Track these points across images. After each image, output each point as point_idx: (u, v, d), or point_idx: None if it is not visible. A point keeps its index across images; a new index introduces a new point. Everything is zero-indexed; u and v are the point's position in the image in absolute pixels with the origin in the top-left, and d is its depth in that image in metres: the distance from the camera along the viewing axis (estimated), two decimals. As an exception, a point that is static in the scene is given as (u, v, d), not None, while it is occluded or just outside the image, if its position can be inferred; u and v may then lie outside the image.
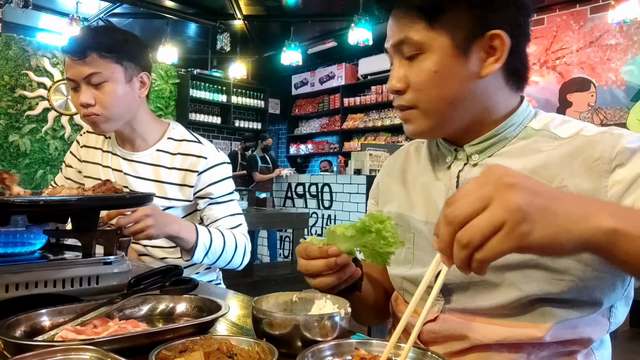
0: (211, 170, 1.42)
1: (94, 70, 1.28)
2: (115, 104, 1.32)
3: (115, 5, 5.57)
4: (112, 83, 1.31)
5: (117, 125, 1.38)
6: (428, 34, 0.76)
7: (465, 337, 0.77)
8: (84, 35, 1.33)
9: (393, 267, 0.93)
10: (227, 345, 0.59)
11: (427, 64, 0.76)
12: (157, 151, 1.44)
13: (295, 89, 8.28)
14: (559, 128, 0.80)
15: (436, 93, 0.77)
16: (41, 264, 0.82)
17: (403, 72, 0.79)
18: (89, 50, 1.27)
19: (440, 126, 0.81)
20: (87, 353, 0.53)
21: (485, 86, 0.79)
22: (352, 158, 5.26)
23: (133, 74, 1.36)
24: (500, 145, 0.82)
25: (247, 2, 5.65)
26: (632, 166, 0.70)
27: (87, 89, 1.30)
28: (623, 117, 4.41)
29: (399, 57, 0.80)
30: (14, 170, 4.33)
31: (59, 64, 4.36)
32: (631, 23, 4.25)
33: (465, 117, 0.81)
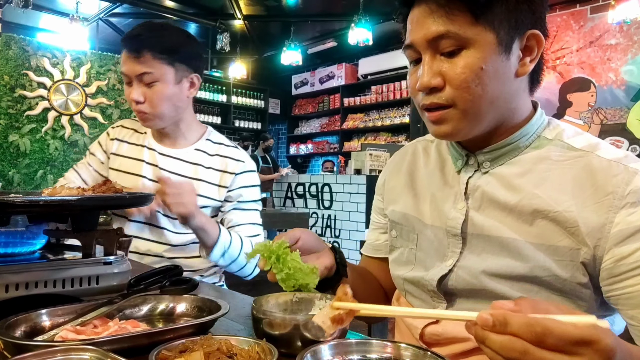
0: (246, 174, 1.46)
1: (146, 70, 1.33)
2: (162, 104, 1.36)
3: (115, 5, 5.58)
4: (161, 84, 1.35)
5: (164, 123, 1.42)
6: (473, 29, 0.71)
7: (468, 339, 0.77)
8: (142, 32, 1.36)
9: (395, 268, 0.93)
10: (227, 345, 0.59)
11: (473, 60, 0.72)
12: (195, 150, 1.47)
13: (295, 89, 8.28)
14: (573, 139, 0.78)
15: (480, 91, 0.73)
16: (41, 264, 0.82)
17: (439, 68, 0.74)
18: (144, 49, 1.32)
19: (475, 128, 0.77)
20: (87, 353, 0.53)
21: (517, 87, 0.77)
22: (352, 158, 5.26)
23: (183, 76, 1.40)
24: (513, 154, 0.80)
25: (247, 2, 5.65)
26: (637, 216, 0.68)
27: (139, 86, 1.35)
28: (623, 117, 4.41)
29: (431, 52, 0.75)
30: (14, 170, 4.34)
31: (59, 64, 4.36)
32: (631, 23, 4.25)
33: (494, 119, 0.77)
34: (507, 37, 0.73)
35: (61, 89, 4.52)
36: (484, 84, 0.73)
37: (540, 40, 0.75)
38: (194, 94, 1.45)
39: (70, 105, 4.57)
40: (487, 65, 0.72)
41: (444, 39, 0.73)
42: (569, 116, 4.71)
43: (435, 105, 0.75)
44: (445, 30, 0.72)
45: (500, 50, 0.73)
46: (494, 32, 0.72)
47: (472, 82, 0.72)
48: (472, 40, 0.72)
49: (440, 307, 0.83)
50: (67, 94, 4.46)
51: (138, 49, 1.32)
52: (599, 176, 0.72)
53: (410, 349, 0.61)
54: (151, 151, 1.49)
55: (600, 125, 4.53)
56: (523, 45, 0.75)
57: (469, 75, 0.72)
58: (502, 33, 0.72)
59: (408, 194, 0.93)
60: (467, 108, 0.74)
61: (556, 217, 0.72)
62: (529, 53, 0.76)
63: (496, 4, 0.72)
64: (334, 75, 7.62)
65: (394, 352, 0.61)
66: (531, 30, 0.75)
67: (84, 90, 4.49)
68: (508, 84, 0.75)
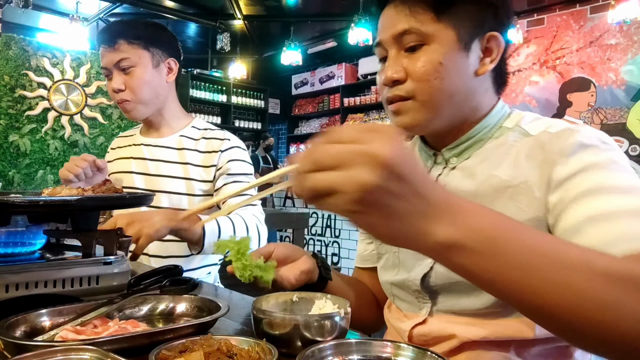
0: (232, 149, 1.47)
1: (122, 56, 1.37)
2: (143, 88, 1.39)
3: (115, 5, 5.57)
4: (139, 68, 1.38)
5: (147, 111, 1.44)
6: (435, 26, 0.77)
7: (454, 336, 0.78)
8: (114, 25, 1.44)
9: (382, 274, 0.94)
10: (227, 345, 0.59)
11: (433, 55, 0.77)
12: (180, 137, 1.49)
13: (295, 89, 8.28)
14: (530, 125, 0.81)
15: (438, 84, 0.77)
16: (41, 264, 0.82)
17: (402, 62, 0.79)
18: (118, 38, 1.37)
19: (433, 120, 0.81)
20: (87, 353, 0.53)
21: (478, 85, 0.81)
22: (352, 158, 5.25)
23: (160, 60, 1.43)
24: (477, 147, 0.83)
25: (247, 2, 5.65)
26: (575, 161, 0.70)
27: (118, 75, 1.38)
28: (623, 117, 4.41)
29: (396, 48, 0.80)
30: (14, 170, 4.34)
31: (59, 64, 4.36)
32: (631, 23, 4.24)
33: (455, 115, 0.81)
34: (467, 35, 0.77)
35: (61, 89, 4.52)
36: (443, 78, 0.77)
37: (500, 43, 0.79)
38: (172, 79, 1.47)
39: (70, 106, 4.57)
40: (447, 60, 0.77)
41: (407, 35, 0.78)
42: (569, 116, 4.71)
43: (397, 97, 0.80)
44: (409, 26, 0.77)
45: (459, 47, 0.77)
46: (454, 30, 0.77)
47: (431, 75, 0.77)
48: (433, 37, 0.77)
49: (425, 307, 0.84)
50: (67, 94, 4.46)
51: (112, 39, 1.37)
52: (547, 145, 0.74)
53: (410, 349, 0.61)
54: (137, 147, 1.52)
55: (600, 125, 4.52)
56: (483, 46, 0.79)
57: (428, 68, 0.77)
58: (462, 31, 0.77)
59: None
60: (426, 100, 0.79)
61: (515, 192, 0.75)
62: (489, 54, 0.80)
63: (458, 4, 0.77)
64: (334, 75, 7.62)
65: (393, 352, 0.61)
66: (491, 32, 0.79)
67: (83, 90, 4.49)
68: (467, 81, 0.79)
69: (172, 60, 1.46)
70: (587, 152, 0.70)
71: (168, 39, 1.47)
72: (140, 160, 1.49)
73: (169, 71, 1.46)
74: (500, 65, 0.83)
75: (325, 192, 0.45)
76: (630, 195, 0.65)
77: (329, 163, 0.44)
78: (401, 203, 0.45)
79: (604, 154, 0.70)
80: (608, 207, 0.64)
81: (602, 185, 0.66)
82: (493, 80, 0.84)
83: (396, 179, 0.44)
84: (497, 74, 0.84)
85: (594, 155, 0.70)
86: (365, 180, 0.43)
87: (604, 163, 0.69)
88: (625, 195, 0.65)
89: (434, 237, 0.46)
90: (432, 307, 0.83)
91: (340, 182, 0.44)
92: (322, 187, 0.45)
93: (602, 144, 0.72)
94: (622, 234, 0.60)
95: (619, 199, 0.64)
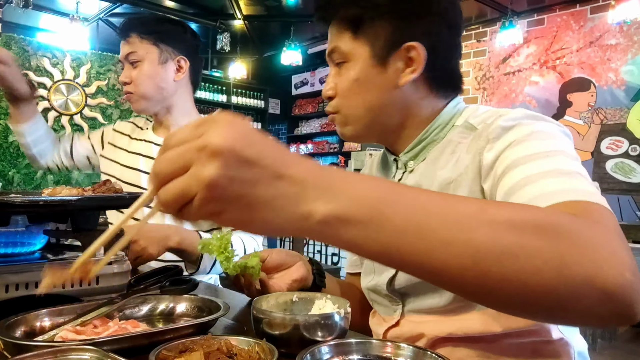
0: None
1: (131, 50, 1.39)
2: (145, 83, 1.39)
3: (115, 5, 5.57)
4: (145, 63, 1.39)
5: (150, 106, 1.43)
6: (352, 44, 0.81)
7: (422, 335, 0.80)
8: (131, 19, 1.48)
9: (362, 280, 0.97)
10: (227, 345, 0.59)
11: (350, 72, 0.82)
12: None
13: (295, 89, 8.28)
14: (477, 119, 0.81)
15: (355, 100, 0.82)
16: (41, 264, 0.82)
17: (333, 79, 0.85)
18: (131, 32, 1.39)
19: (363, 131, 0.85)
20: (87, 353, 0.53)
21: (406, 95, 0.82)
22: (352, 158, 5.25)
23: (169, 57, 1.42)
24: (431, 148, 0.84)
25: (247, 2, 5.65)
26: (500, 142, 0.71)
27: (127, 69, 1.40)
28: (623, 117, 4.41)
29: (332, 65, 0.86)
30: (14, 170, 4.33)
31: (59, 64, 4.36)
32: (631, 23, 4.24)
33: (388, 124, 0.85)
34: (382, 50, 0.80)
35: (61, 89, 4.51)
36: (360, 93, 0.82)
37: (420, 53, 0.79)
38: (181, 77, 1.45)
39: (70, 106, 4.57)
40: (361, 76, 0.81)
41: (334, 53, 0.84)
42: (569, 116, 4.71)
43: (329, 112, 0.87)
44: (334, 45, 0.83)
45: (373, 63, 0.80)
46: (369, 46, 0.80)
47: (348, 91, 0.82)
48: (350, 54, 0.81)
49: (397, 310, 0.86)
50: (67, 94, 4.45)
51: (126, 32, 1.39)
52: (480, 135, 0.76)
53: (410, 349, 0.61)
54: (147, 143, 1.50)
55: (600, 125, 4.52)
56: (404, 57, 0.80)
57: (346, 85, 0.82)
58: (376, 47, 0.80)
59: None
60: (347, 114, 0.84)
61: (456, 185, 0.76)
62: (411, 64, 0.80)
63: (371, 21, 0.79)
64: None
65: (393, 352, 0.61)
66: (410, 43, 0.79)
67: (84, 90, 4.49)
68: (387, 93, 0.82)
69: (182, 59, 1.44)
70: (510, 132, 0.71)
71: (183, 37, 1.46)
72: (149, 159, 1.47)
73: (178, 69, 1.44)
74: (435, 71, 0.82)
75: (181, 201, 0.41)
76: (547, 158, 0.64)
77: (171, 169, 0.41)
78: (261, 189, 0.41)
79: (525, 128, 0.70)
80: (525, 174, 0.64)
81: (520, 156, 0.67)
82: (429, 87, 0.83)
83: (243, 165, 0.40)
84: (433, 80, 0.83)
85: (515, 134, 0.70)
86: (207, 174, 0.39)
87: (522, 136, 0.69)
88: (541, 159, 0.64)
89: (315, 217, 0.42)
90: (404, 309, 0.85)
91: (186, 185, 0.40)
92: (174, 197, 0.41)
93: (526, 119, 0.72)
94: (539, 194, 0.59)
95: (536, 164, 0.64)
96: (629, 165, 4.30)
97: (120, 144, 1.55)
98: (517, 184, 0.63)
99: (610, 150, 4.42)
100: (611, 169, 4.37)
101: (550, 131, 0.70)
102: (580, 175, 0.62)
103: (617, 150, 4.38)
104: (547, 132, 0.70)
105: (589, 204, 0.55)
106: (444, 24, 0.82)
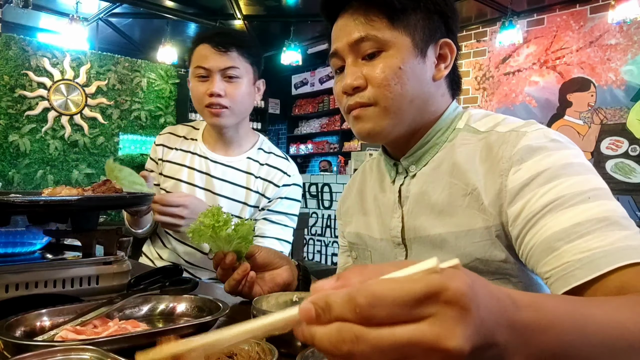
0: (290, 187, 1.46)
1: (233, 65, 1.37)
2: (242, 100, 1.39)
3: (115, 5, 5.57)
4: (243, 80, 1.39)
5: (235, 122, 1.42)
6: (391, 32, 0.78)
7: None
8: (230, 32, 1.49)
9: None
10: (227, 345, 0.59)
11: (392, 61, 0.77)
12: (247, 159, 1.47)
13: (295, 89, 8.28)
14: (479, 122, 0.81)
15: (399, 89, 0.78)
16: (41, 264, 0.82)
17: (361, 69, 0.79)
18: (232, 46, 1.37)
19: (395, 126, 0.81)
20: (87, 353, 0.53)
21: (435, 90, 0.83)
22: (352, 158, 5.26)
23: (256, 79, 1.45)
24: (433, 152, 0.84)
25: (247, 2, 5.65)
26: (528, 168, 0.70)
27: (221, 81, 1.37)
28: (623, 117, 4.41)
29: (353, 56, 0.80)
30: (14, 170, 4.33)
31: (58, 64, 4.36)
32: (631, 23, 4.24)
33: (415, 120, 0.82)
34: (421, 42, 0.79)
35: (61, 89, 4.51)
36: (403, 83, 0.78)
37: (453, 49, 0.82)
38: (259, 100, 1.50)
39: (70, 105, 4.56)
40: (405, 65, 0.77)
41: (364, 42, 0.78)
42: (569, 116, 4.71)
43: (358, 104, 0.80)
44: (365, 33, 0.78)
45: (416, 53, 0.79)
46: (409, 36, 0.78)
47: (391, 80, 0.77)
48: (390, 43, 0.78)
49: None
50: (67, 94, 4.45)
51: (226, 45, 1.36)
52: (495, 149, 0.75)
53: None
54: (202, 159, 1.47)
55: (600, 125, 4.52)
56: (437, 52, 0.81)
57: (388, 74, 0.77)
58: (417, 38, 0.78)
59: (359, 213, 0.96)
60: (388, 105, 0.78)
61: (468, 199, 0.75)
62: (443, 60, 0.82)
63: (411, 12, 0.78)
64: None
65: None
66: (444, 39, 0.81)
67: (83, 90, 4.48)
68: (426, 86, 0.80)
69: (261, 82, 1.48)
70: (538, 155, 0.70)
71: (262, 58, 1.49)
72: (206, 175, 1.44)
73: (257, 90, 1.47)
74: (454, 70, 0.85)
75: None
76: (590, 201, 0.64)
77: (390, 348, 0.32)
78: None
79: (556, 155, 0.69)
80: (575, 220, 0.63)
81: (563, 194, 0.65)
82: (448, 85, 0.86)
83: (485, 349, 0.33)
84: (451, 79, 0.86)
85: (546, 158, 0.69)
86: None
87: (557, 167, 0.68)
88: (586, 202, 0.64)
89: None
90: None
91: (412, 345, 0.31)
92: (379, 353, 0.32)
93: (551, 143, 0.71)
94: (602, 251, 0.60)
95: (583, 209, 0.64)
96: (629, 165, 4.30)
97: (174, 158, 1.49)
98: (567, 230, 0.63)
99: (610, 151, 4.42)
100: (611, 169, 4.37)
101: (580, 159, 0.70)
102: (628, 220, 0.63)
103: (617, 151, 4.38)
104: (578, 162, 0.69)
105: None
106: (457, 26, 0.85)
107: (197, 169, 1.46)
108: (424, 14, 0.79)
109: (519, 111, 4.97)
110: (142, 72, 5.50)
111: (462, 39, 5.41)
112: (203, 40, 1.39)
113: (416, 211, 0.82)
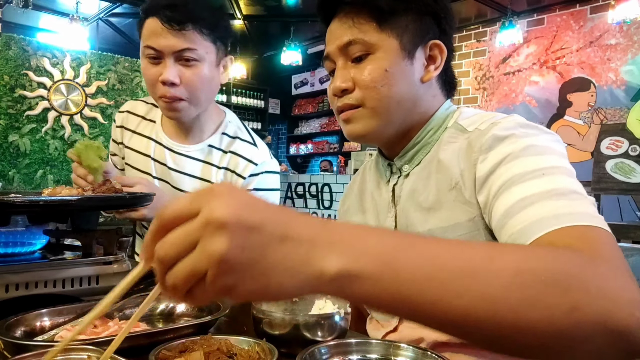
0: (259, 176, 1.26)
1: (189, 46, 1.11)
2: (203, 87, 1.15)
3: (115, 5, 5.57)
4: (203, 64, 1.14)
5: (195, 113, 1.20)
6: (378, 35, 0.79)
7: (422, 339, 0.80)
8: (184, 4, 1.12)
9: None
10: (227, 345, 0.59)
11: (380, 63, 0.79)
12: (208, 147, 1.27)
13: (295, 89, 8.28)
14: (466, 120, 0.82)
15: (386, 91, 0.79)
16: (41, 264, 0.82)
17: (349, 72, 0.81)
18: (189, 22, 1.09)
19: (384, 127, 0.82)
20: (87, 353, 0.53)
21: (425, 91, 0.83)
22: (352, 158, 5.26)
23: (221, 57, 1.21)
24: (426, 151, 0.84)
25: (247, 2, 5.65)
26: (494, 155, 0.71)
27: (174, 66, 1.12)
28: (623, 117, 4.41)
29: (343, 59, 0.82)
30: (14, 170, 4.34)
31: (59, 64, 4.36)
32: (631, 23, 4.24)
33: (404, 121, 0.83)
34: (410, 44, 0.80)
35: (61, 89, 4.51)
36: (390, 85, 0.79)
37: (443, 51, 0.82)
38: (226, 80, 1.25)
39: (70, 105, 4.57)
40: (392, 68, 0.79)
41: (352, 45, 0.80)
42: (569, 116, 4.71)
43: (347, 106, 0.82)
44: (353, 37, 0.79)
45: (403, 55, 0.79)
46: (397, 38, 0.79)
47: (378, 82, 0.79)
48: (377, 46, 0.79)
49: (394, 319, 0.85)
50: (67, 94, 4.46)
51: (180, 21, 1.08)
52: (473, 143, 0.75)
53: (410, 349, 0.61)
54: (159, 146, 1.29)
55: (600, 125, 4.52)
56: (427, 54, 0.82)
57: (375, 76, 0.79)
58: (405, 40, 0.79)
59: (358, 212, 0.97)
60: (376, 107, 0.80)
61: (453, 193, 0.76)
62: (433, 61, 0.82)
63: (399, 14, 0.79)
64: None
65: (393, 352, 0.61)
66: (434, 41, 0.81)
67: (83, 90, 4.49)
68: (413, 87, 0.81)
69: (229, 59, 1.24)
70: (504, 143, 0.71)
71: (230, 32, 1.24)
72: (163, 166, 1.28)
73: (223, 70, 1.23)
74: (447, 71, 0.86)
75: (192, 281, 0.39)
76: (543, 177, 0.64)
77: (177, 252, 0.39)
78: (271, 253, 0.40)
79: (520, 141, 0.70)
80: (521, 195, 0.64)
81: (515, 174, 0.66)
82: (441, 86, 0.86)
83: (250, 232, 0.39)
84: (444, 80, 0.87)
85: (510, 145, 0.70)
86: (217, 248, 0.38)
87: (518, 150, 0.69)
88: (537, 178, 0.64)
89: (327, 275, 0.40)
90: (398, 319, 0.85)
91: (196, 263, 0.39)
92: (184, 279, 0.39)
93: (520, 129, 0.72)
94: (537, 219, 0.60)
95: (532, 184, 0.64)
96: (629, 165, 4.30)
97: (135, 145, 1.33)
98: (513, 206, 0.64)
99: (610, 150, 4.42)
100: (611, 169, 4.37)
101: (546, 144, 0.70)
102: (577, 193, 0.62)
103: (617, 151, 4.38)
104: (542, 145, 0.70)
105: (588, 229, 0.56)
106: (453, 28, 0.86)
107: (156, 159, 1.28)
108: (414, 15, 0.80)
109: (519, 111, 4.97)
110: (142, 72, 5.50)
111: (462, 39, 5.41)
112: (151, 12, 1.12)
113: (408, 209, 0.83)
